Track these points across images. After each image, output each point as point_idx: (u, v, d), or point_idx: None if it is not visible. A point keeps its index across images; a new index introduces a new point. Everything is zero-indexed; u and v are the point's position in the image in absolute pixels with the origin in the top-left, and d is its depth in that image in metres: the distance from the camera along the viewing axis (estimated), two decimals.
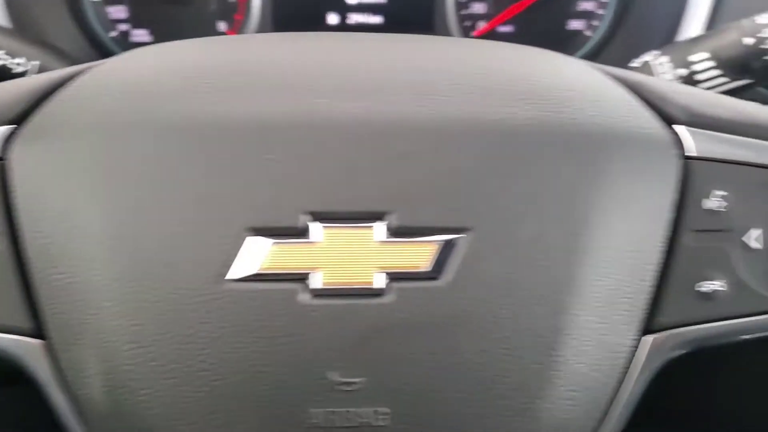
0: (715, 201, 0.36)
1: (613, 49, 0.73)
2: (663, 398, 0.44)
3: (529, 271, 0.34)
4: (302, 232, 0.34)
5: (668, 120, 0.38)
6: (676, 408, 0.56)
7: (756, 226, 0.36)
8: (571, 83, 0.37)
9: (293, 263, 0.34)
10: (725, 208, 0.36)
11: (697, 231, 0.36)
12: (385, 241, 0.34)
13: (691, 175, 0.37)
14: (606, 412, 0.37)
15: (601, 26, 0.75)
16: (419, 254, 0.34)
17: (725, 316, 0.36)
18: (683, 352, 0.37)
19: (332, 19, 0.74)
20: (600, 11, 0.75)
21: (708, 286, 0.36)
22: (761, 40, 0.48)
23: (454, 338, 0.34)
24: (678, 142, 0.37)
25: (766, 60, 0.49)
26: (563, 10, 0.75)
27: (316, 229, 0.34)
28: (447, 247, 0.34)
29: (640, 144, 0.36)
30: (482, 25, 0.75)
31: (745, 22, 0.49)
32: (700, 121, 0.37)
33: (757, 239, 0.36)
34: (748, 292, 0.36)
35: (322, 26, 0.74)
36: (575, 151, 0.35)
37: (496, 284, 0.34)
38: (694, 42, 0.51)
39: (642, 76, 0.39)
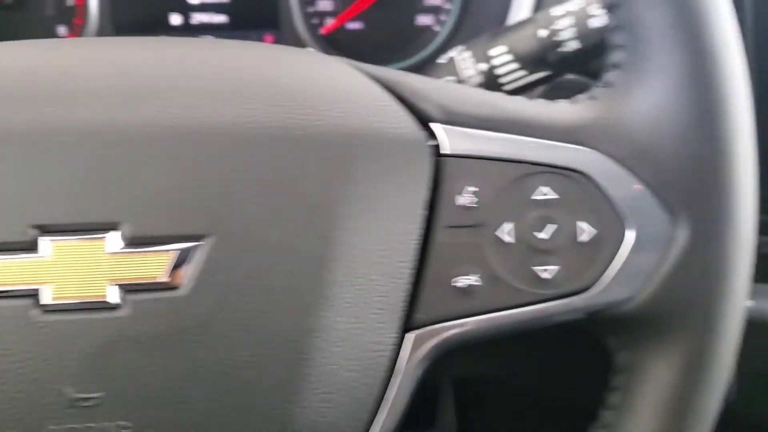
0: (467, 197, 0.36)
1: (459, 43, 0.74)
2: None
3: (274, 276, 0.34)
4: (31, 247, 0.33)
5: (424, 118, 0.37)
6: None
7: (508, 221, 0.37)
8: (321, 83, 0.37)
9: (22, 279, 0.33)
10: (478, 203, 0.36)
11: (451, 227, 0.36)
12: (117, 253, 0.33)
13: (444, 172, 0.37)
14: (374, 412, 0.37)
15: (448, 21, 0.75)
16: (154, 264, 0.33)
17: (483, 310, 0.37)
18: (445, 347, 0.37)
19: (175, 20, 0.73)
20: (447, 6, 0.75)
21: (464, 281, 0.36)
22: (555, 32, 0.49)
23: (198, 347, 0.34)
24: (432, 140, 0.37)
25: (560, 52, 0.49)
26: (411, 5, 0.75)
27: (44, 242, 0.33)
28: (183, 256, 0.33)
29: (392, 144, 0.36)
30: (330, 22, 0.74)
31: (539, 15, 0.50)
32: (455, 119, 0.37)
33: (509, 233, 0.37)
34: (503, 285, 0.37)
35: (165, 27, 0.73)
36: (321, 153, 0.35)
37: (239, 291, 0.34)
38: (494, 36, 0.51)
39: (402, 75, 0.39)
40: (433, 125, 0.37)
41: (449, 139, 0.37)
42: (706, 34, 0.36)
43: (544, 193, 0.37)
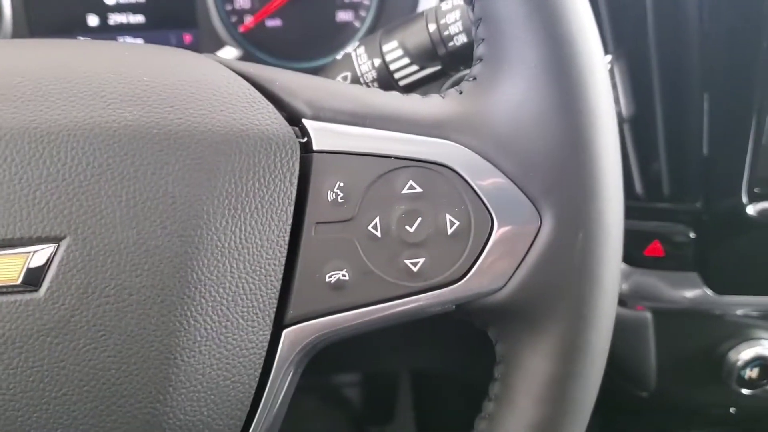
0: (336, 192, 0.37)
1: None
2: None
3: (135, 276, 0.34)
4: None
5: (294, 115, 0.38)
6: None
7: (376, 215, 0.37)
8: (185, 82, 0.37)
9: None
10: (347, 199, 0.37)
11: (321, 223, 0.37)
12: None
13: (313, 169, 0.37)
14: (251, 411, 0.37)
15: (368, 16, 0.75)
16: (9, 267, 0.33)
17: (355, 304, 0.37)
18: (320, 343, 0.37)
19: (92, 20, 0.72)
20: (366, 1, 0.75)
21: (336, 276, 0.37)
22: (444, 27, 0.49)
23: (58, 349, 0.33)
24: (301, 137, 0.37)
25: (451, 46, 0.49)
26: (330, 1, 0.75)
27: None
28: (38, 258, 0.33)
29: (259, 141, 0.36)
30: (249, 20, 0.74)
31: (429, 9, 0.50)
32: (324, 115, 0.38)
33: (378, 227, 0.37)
34: (374, 279, 0.37)
35: (82, 28, 0.72)
36: (182, 151, 0.35)
37: (98, 291, 0.34)
38: (388, 31, 0.51)
39: (273, 71, 0.39)
40: (302, 122, 0.37)
41: (317, 135, 0.37)
42: (561, 24, 0.36)
43: (411, 187, 0.37)
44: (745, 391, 0.67)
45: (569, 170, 0.36)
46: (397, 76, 0.50)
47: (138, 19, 0.73)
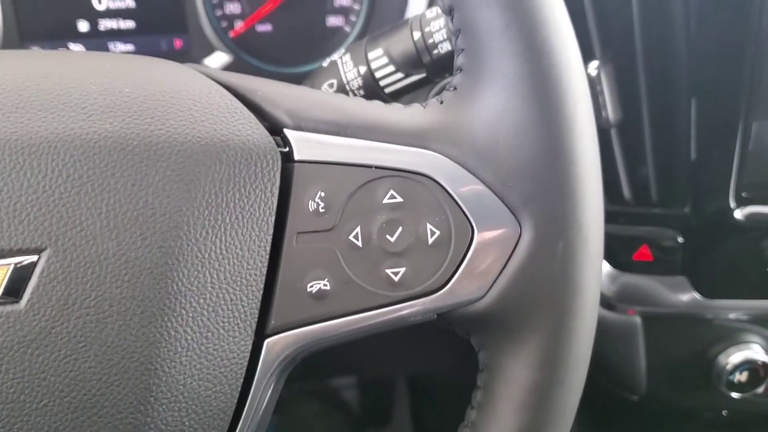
0: (317, 202, 0.37)
1: None
2: None
3: (115, 288, 0.34)
4: None
5: (275, 125, 0.38)
6: None
7: (358, 224, 0.37)
8: (166, 92, 0.37)
9: None
10: (328, 208, 0.37)
11: (303, 233, 0.37)
12: None
13: (295, 178, 0.37)
14: (233, 421, 0.37)
15: (358, 21, 0.75)
16: None
17: (337, 314, 0.37)
18: (302, 352, 0.38)
19: (83, 26, 0.73)
20: (356, 6, 0.75)
21: (317, 286, 0.37)
22: (429, 35, 0.49)
23: (39, 360, 0.34)
24: (283, 146, 0.37)
25: (435, 54, 0.50)
26: (320, 6, 0.75)
27: None
28: (20, 270, 0.33)
29: (240, 151, 0.36)
30: (239, 25, 0.74)
31: (414, 17, 0.50)
32: (305, 125, 0.38)
33: (359, 237, 0.37)
34: (355, 288, 0.37)
35: (73, 34, 0.72)
36: (162, 162, 0.35)
37: (79, 303, 0.34)
38: (374, 39, 0.52)
39: (255, 81, 0.39)
40: (283, 132, 0.37)
41: (299, 145, 0.37)
42: (539, 35, 0.36)
43: (392, 196, 0.37)
44: (734, 395, 0.67)
45: (548, 180, 0.37)
46: (382, 83, 0.51)
47: (129, 24, 0.73)
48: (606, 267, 0.64)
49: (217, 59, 0.75)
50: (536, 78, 0.36)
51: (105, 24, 0.72)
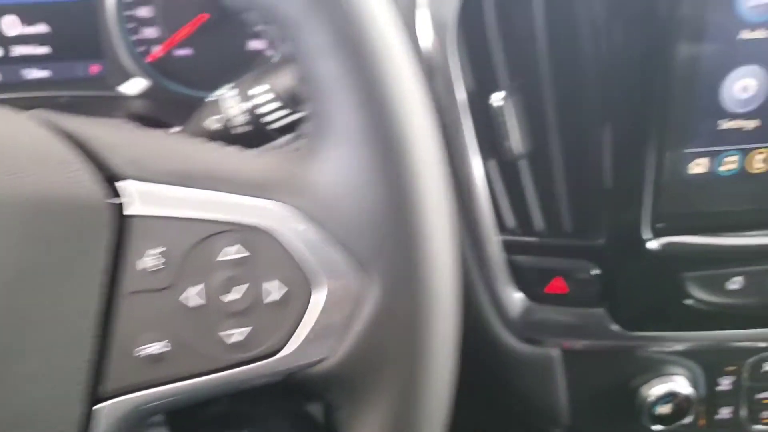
0: (152, 260, 0.35)
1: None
2: None
3: None
4: None
5: (115, 175, 0.36)
6: None
7: (194, 283, 0.35)
8: None
9: None
10: (164, 266, 0.35)
11: (135, 293, 0.35)
12: None
13: (128, 234, 0.35)
14: None
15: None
16: None
17: (172, 378, 0.35)
18: (137, 417, 0.36)
19: None
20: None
21: (151, 348, 0.35)
22: None
23: None
24: (116, 199, 0.36)
25: None
26: (241, 30, 0.73)
27: None
28: None
29: (69, 206, 0.34)
30: (157, 49, 0.73)
31: None
32: (146, 175, 0.36)
33: (196, 296, 0.35)
34: (191, 352, 0.35)
35: None
36: None
37: None
38: (261, 73, 0.50)
39: (99, 127, 0.37)
40: (119, 183, 0.36)
41: (137, 197, 0.36)
42: (379, 84, 0.35)
43: (231, 252, 0.35)
44: (657, 428, 0.66)
45: (394, 234, 0.35)
46: (266, 120, 0.49)
47: (43, 50, 0.71)
48: (522, 300, 0.62)
49: (135, 85, 0.73)
50: (378, 131, 0.35)
51: (18, 50, 0.71)
